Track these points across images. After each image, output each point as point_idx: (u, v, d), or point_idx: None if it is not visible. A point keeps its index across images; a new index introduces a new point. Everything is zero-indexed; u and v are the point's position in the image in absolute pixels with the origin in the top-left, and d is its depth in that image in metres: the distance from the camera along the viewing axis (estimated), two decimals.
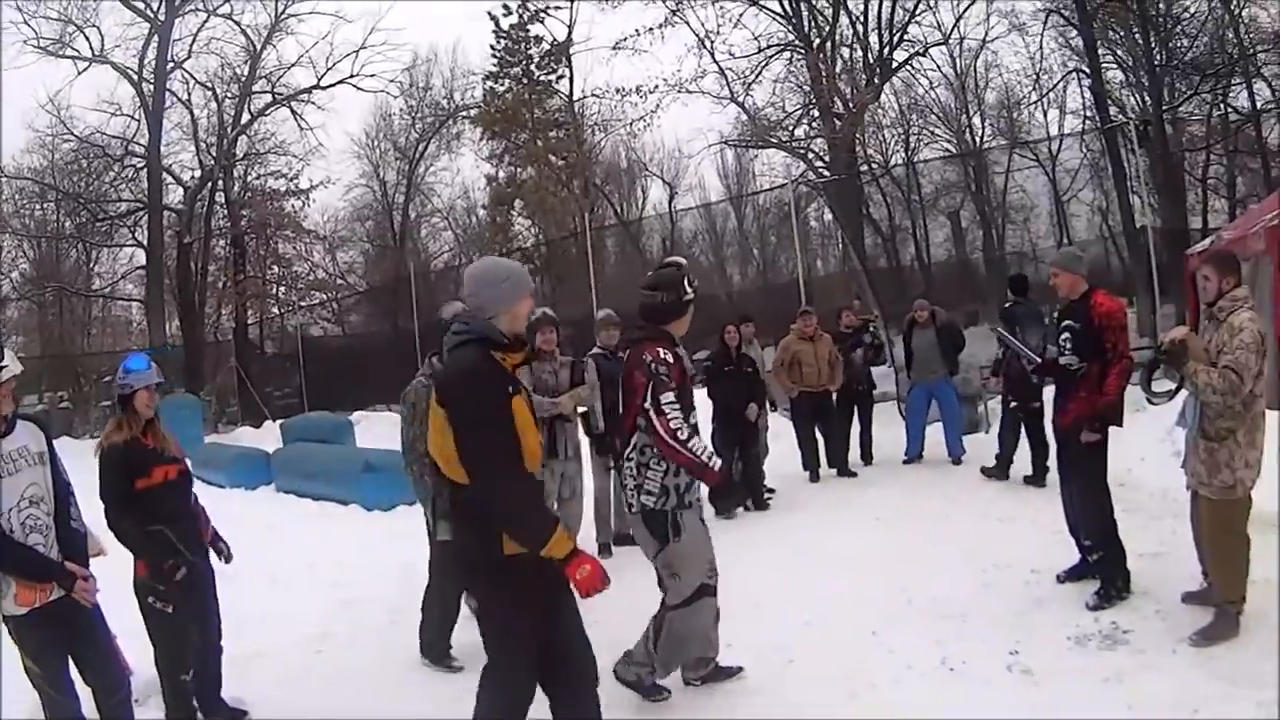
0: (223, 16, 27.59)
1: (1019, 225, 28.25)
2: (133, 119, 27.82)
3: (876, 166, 27.05)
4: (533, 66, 26.59)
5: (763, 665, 5.15)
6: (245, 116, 29.01)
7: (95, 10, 26.49)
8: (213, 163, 28.50)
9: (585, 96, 27.08)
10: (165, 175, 28.01)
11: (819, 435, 10.94)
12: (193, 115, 28.96)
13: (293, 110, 29.22)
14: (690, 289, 4.81)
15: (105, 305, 33.53)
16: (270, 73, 29.02)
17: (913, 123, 28.64)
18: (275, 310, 31.18)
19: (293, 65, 28.91)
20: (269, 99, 29.22)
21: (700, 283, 5.08)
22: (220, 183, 29.30)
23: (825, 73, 21.37)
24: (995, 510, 8.45)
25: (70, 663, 4.35)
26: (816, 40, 22.01)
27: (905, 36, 23.16)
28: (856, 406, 11.32)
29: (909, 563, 6.99)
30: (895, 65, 23.58)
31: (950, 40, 25.59)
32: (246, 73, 28.54)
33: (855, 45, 22.90)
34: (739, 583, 5.73)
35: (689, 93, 22.47)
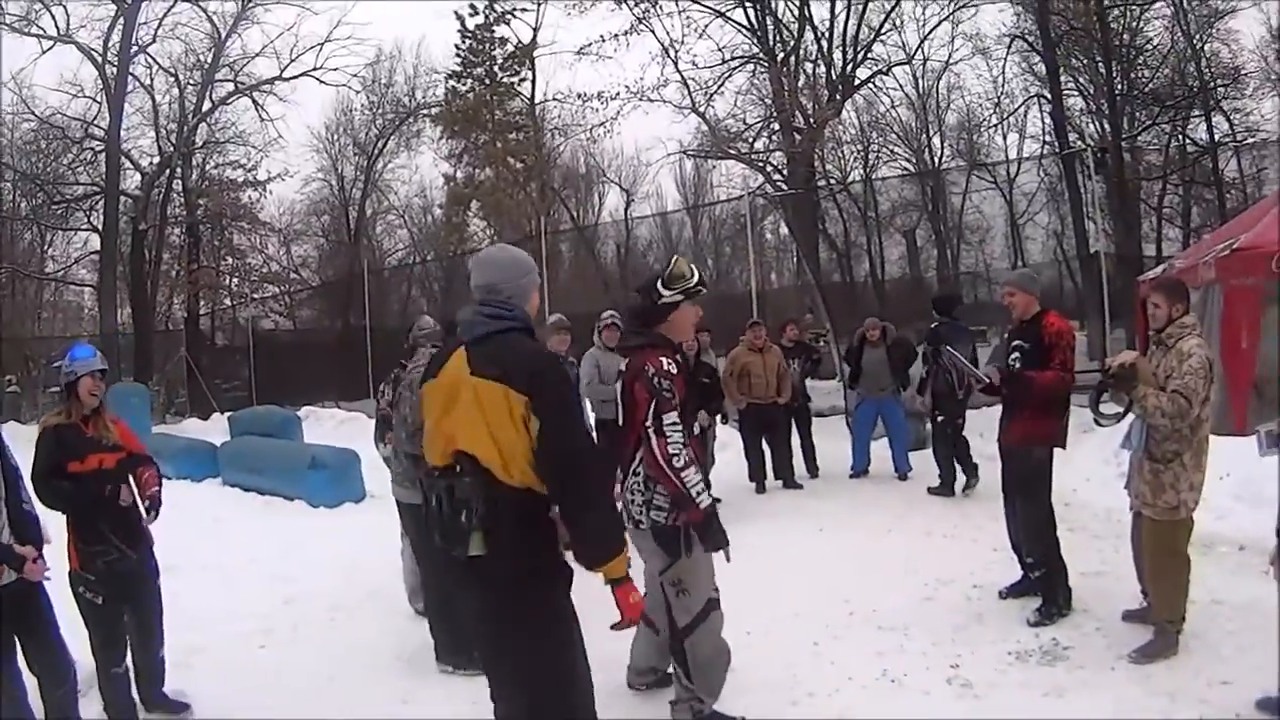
0: (190, 1, 27.28)
1: (974, 246, 28.59)
2: (94, 101, 27.49)
3: (834, 182, 27.18)
4: (496, 68, 26.51)
5: None
6: (207, 104, 28.69)
7: None
8: (172, 149, 28.12)
9: (546, 100, 27.13)
10: (124, 160, 27.60)
11: (765, 447, 10.97)
12: (154, 100, 28.65)
13: (254, 100, 28.95)
14: (700, 286, 4.56)
15: (57, 289, 32.97)
16: (234, 61, 28.74)
17: (873, 140, 28.95)
18: (227, 302, 30.91)
19: (257, 55, 28.64)
20: (231, 88, 28.91)
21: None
22: (179, 170, 28.91)
23: (788, 87, 21.42)
24: (939, 526, 8.50)
25: (18, 653, 4.31)
26: (781, 54, 22.08)
27: (869, 55, 23.28)
28: (794, 419, 11.35)
29: (851, 575, 7.03)
30: (858, 83, 23.68)
31: (914, 60, 25.91)
32: (210, 60, 28.22)
33: (819, 61, 22.99)
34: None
35: (650, 101, 22.39)
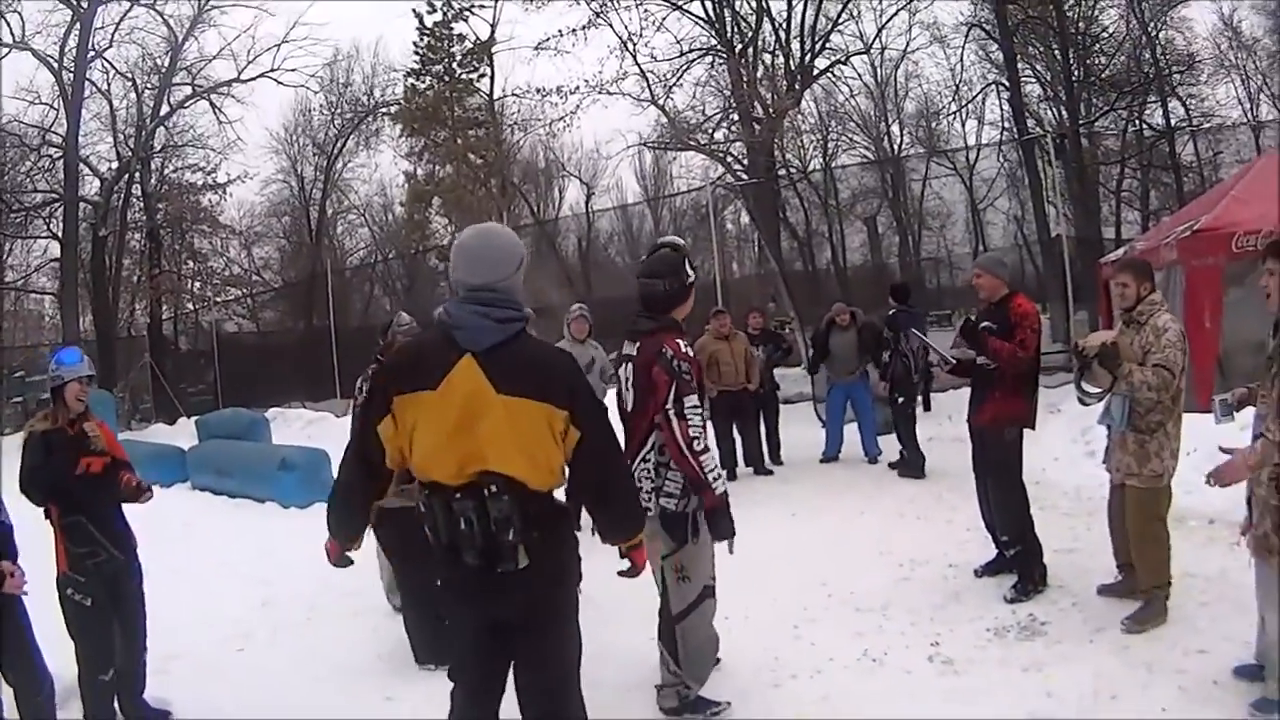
0: (146, 6, 26.90)
1: (935, 232, 28.73)
2: (51, 108, 27.13)
3: (794, 171, 27.25)
4: (454, 64, 26.37)
5: None
6: (165, 108, 28.31)
7: None
8: (130, 154, 27.72)
9: (505, 95, 27.01)
10: (82, 166, 27.22)
11: (735, 434, 11.02)
12: (111, 106, 28.12)
13: (212, 103, 28.61)
14: (691, 271, 4.57)
15: (17, 298, 32.53)
16: (191, 64, 28.40)
17: (832, 129, 28.98)
18: (190, 306, 30.59)
19: (214, 57, 28.26)
20: (189, 91, 28.57)
21: (615, 285, 4.91)
22: (138, 175, 28.49)
23: (746, 78, 21.50)
24: (911, 509, 8.58)
25: None
26: (739, 46, 22.15)
27: (827, 44, 23.38)
28: (761, 407, 11.40)
29: (827, 559, 7.10)
30: (816, 72, 23.79)
31: (872, 50, 26.03)
32: (167, 64, 27.86)
33: (777, 52, 23.07)
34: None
35: (610, 94, 22.41)
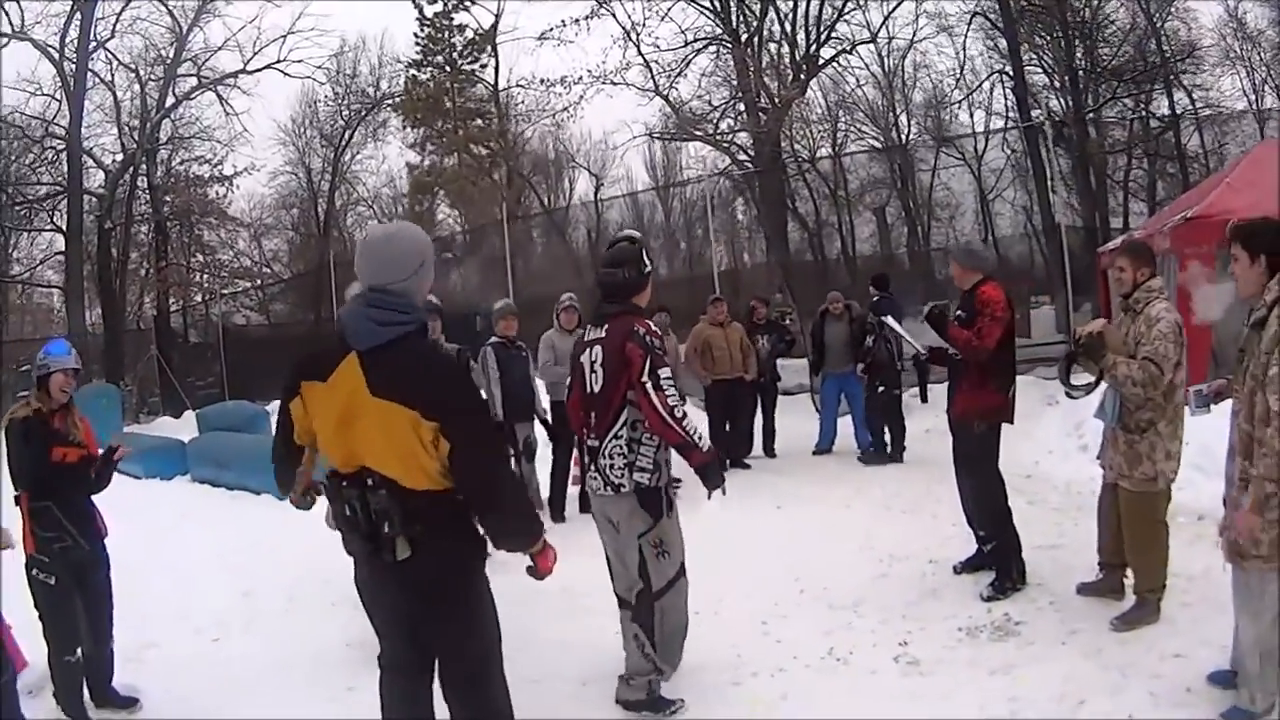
0: None
1: (944, 223, 28.52)
2: (53, 99, 27.04)
3: (802, 161, 27.10)
4: (455, 55, 26.37)
5: None
6: (170, 99, 28.32)
7: None
8: (135, 146, 27.73)
9: (510, 86, 27.00)
10: (86, 158, 27.22)
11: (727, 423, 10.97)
12: (115, 97, 28.05)
13: (219, 95, 28.56)
14: (648, 262, 4.76)
15: (25, 292, 32.64)
16: (196, 55, 28.37)
17: (840, 119, 28.81)
18: (198, 298, 30.63)
19: (219, 49, 28.22)
20: (194, 82, 28.55)
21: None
22: (143, 167, 28.47)
23: (752, 68, 21.42)
24: (898, 502, 8.49)
25: None
26: (744, 35, 22.06)
27: (833, 34, 23.29)
28: (760, 397, 11.37)
29: (806, 552, 7.01)
30: (822, 62, 23.69)
31: (878, 39, 25.75)
32: (172, 55, 27.82)
33: (783, 41, 22.98)
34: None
35: (614, 84, 22.46)
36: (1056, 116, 23.17)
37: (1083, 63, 23.01)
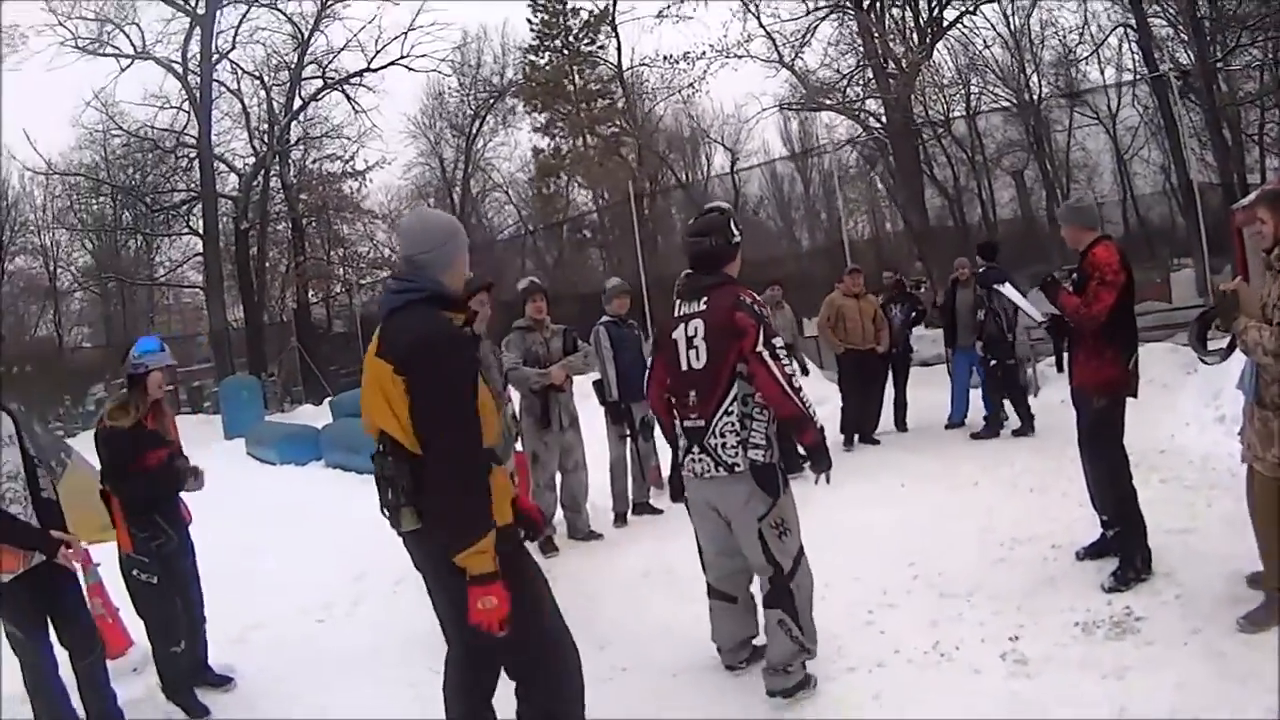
0: (265, 6, 27.77)
1: (1082, 185, 27.48)
2: (182, 111, 28.13)
3: (937, 125, 26.39)
4: (572, 38, 26.40)
5: None
6: (297, 102, 29.20)
7: (133, 7, 26.73)
8: (266, 149, 28.67)
9: (634, 66, 26.90)
10: (219, 164, 28.30)
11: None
12: (243, 104, 29.13)
13: (346, 94, 29.35)
14: (736, 231, 4.58)
15: (170, 293, 34.21)
16: (319, 58, 29.15)
17: (972, 82, 28.02)
18: (339, 290, 31.45)
19: (342, 49, 28.94)
20: (320, 84, 29.37)
21: (766, 246, 4.79)
22: (276, 168, 29.47)
23: (876, 34, 20.87)
24: (1027, 480, 8.04)
25: (49, 630, 4.48)
26: (866, 1, 21.46)
27: None
28: (892, 370, 11.09)
29: (924, 534, 6.68)
30: (946, 24, 22.97)
31: None
32: (296, 59, 28.66)
33: (905, 5, 22.35)
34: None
35: (737, 58, 22.12)
36: (1184, 67, 21.93)
37: (1207, 10, 21.66)
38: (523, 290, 7.84)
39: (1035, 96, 27.69)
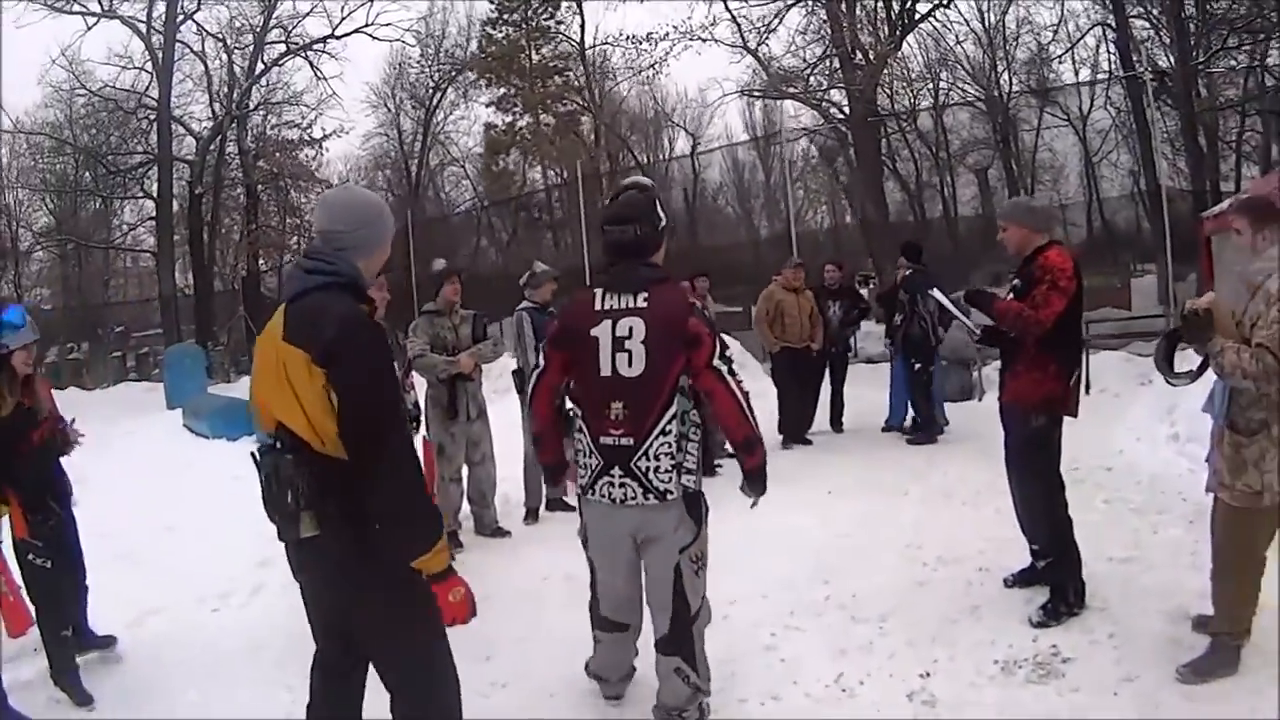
0: None
1: (1048, 185, 27.40)
2: (144, 72, 27.67)
3: (901, 117, 26.21)
4: (531, 12, 26.02)
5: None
6: (259, 67, 28.72)
7: None
8: (224, 114, 28.21)
9: (597, 44, 26.59)
10: (177, 126, 27.81)
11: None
12: (206, 66, 28.68)
13: (309, 60, 28.89)
14: (663, 214, 3.97)
15: (127, 256, 33.79)
16: (284, 23, 28.63)
17: (942, 78, 27.98)
18: (289, 260, 30.95)
19: (307, 15, 28.44)
20: (283, 49, 28.89)
21: (724, 234, 4.28)
22: (234, 133, 29.01)
23: (846, 23, 20.59)
24: (961, 491, 7.66)
25: None
26: None
27: None
28: (829, 369, 10.77)
29: (843, 549, 6.31)
30: (918, 17, 22.75)
31: None
32: (261, 23, 28.16)
33: None
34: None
35: (701, 40, 21.83)
36: (1161, 69, 21.74)
37: (1195, 13, 21.42)
38: (438, 272, 7.44)
39: (1005, 94, 27.53)
